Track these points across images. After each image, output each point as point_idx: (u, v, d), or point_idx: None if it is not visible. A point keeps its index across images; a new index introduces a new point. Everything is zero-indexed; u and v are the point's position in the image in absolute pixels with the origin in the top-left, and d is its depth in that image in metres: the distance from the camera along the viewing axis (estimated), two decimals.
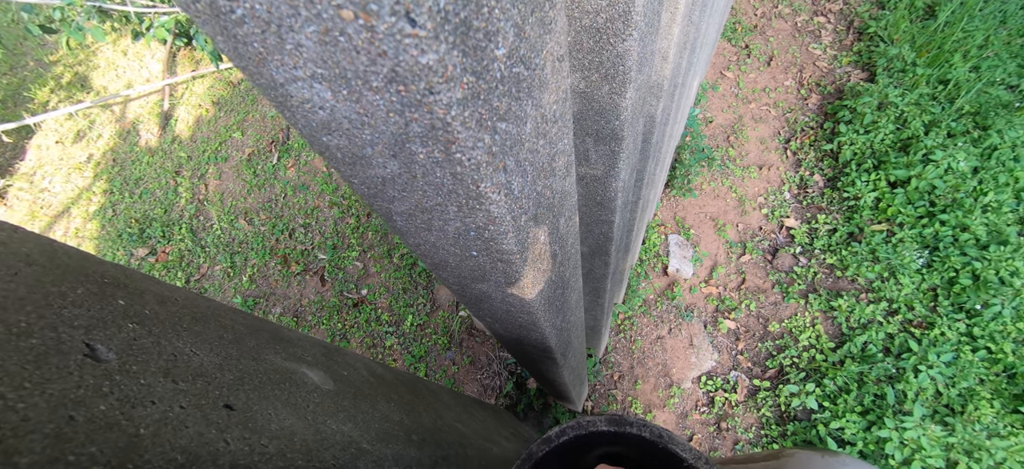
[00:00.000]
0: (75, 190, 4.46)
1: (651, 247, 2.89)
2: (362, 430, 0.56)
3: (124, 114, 4.74)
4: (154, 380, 0.34)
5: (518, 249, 0.41)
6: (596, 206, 1.03)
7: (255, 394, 0.44)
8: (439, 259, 0.50)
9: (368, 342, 3.02)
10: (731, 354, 2.61)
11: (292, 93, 0.26)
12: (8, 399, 0.23)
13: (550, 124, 0.37)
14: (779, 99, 3.28)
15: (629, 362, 2.66)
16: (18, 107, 5.13)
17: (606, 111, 0.72)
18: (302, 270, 3.35)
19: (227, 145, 4.12)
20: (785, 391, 2.37)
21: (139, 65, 5.05)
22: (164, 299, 0.52)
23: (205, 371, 0.41)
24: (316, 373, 0.65)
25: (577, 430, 0.64)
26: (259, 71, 0.25)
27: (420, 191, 0.34)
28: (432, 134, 0.26)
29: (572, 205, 0.56)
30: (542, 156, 0.38)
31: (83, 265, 0.45)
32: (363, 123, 0.27)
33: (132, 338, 0.37)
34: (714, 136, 3.22)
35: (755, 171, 3.04)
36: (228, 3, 0.20)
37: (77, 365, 0.29)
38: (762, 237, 2.86)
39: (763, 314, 2.65)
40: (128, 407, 0.29)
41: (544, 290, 0.59)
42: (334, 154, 0.32)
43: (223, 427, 0.35)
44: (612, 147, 0.80)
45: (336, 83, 0.24)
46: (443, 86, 0.22)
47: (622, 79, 0.65)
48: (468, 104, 0.24)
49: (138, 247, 3.86)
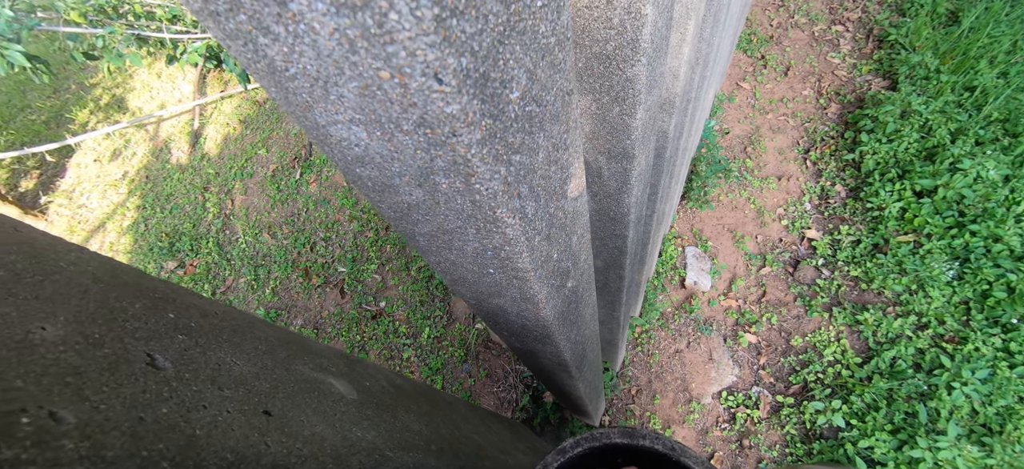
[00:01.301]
0: (111, 206, 4.69)
1: (668, 260, 2.87)
2: (385, 438, 0.59)
3: (157, 133, 4.98)
4: (204, 387, 0.37)
5: (532, 267, 0.44)
6: (610, 221, 1.05)
7: (289, 402, 0.47)
8: (458, 276, 0.54)
9: (386, 354, 3.06)
10: (753, 369, 2.56)
11: (332, 133, 0.30)
12: (92, 401, 0.27)
13: (561, 151, 0.40)
14: (797, 109, 3.24)
15: (647, 376, 2.64)
16: (60, 128, 5.44)
17: (617, 131, 0.74)
18: (322, 282, 3.44)
19: (253, 161, 4.28)
20: (810, 408, 2.31)
21: (172, 86, 5.31)
22: (206, 313, 0.56)
23: (245, 379, 0.45)
24: (341, 383, 0.69)
25: (591, 442, 0.65)
26: (305, 115, 0.29)
27: (442, 215, 0.37)
28: (454, 168, 0.29)
29: (584, 223, 0.58)
30: (554, 181, 0.41)
31: (138, 281, 0.49)
32: (393, 158, 0.30)
33: (183, 348, 0.41)
34: (731, 147, 3.20)
35: (774, 182, 3.01)
36: (284, 64, 0.24)
37: (141, 372, 0.33)
38: (782, 249, 2.82)
39: (785, 328, 2.60)
40: (185, 411, 0.33)
41: (558, 305, 0.61)
42: (365, 183, 0.36)
43: (264, 431, 0.38)
44: (624, 165, 0.82)
45: (371, 126, 0.27)
46: (465, 129, 0.25)
47: (632, 101, 0.67)
48: (486, 143, 0.28)
49: (168, 260, 4.03)
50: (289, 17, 0.21)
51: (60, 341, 0.29)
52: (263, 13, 0.21)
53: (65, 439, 0.23)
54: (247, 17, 0.22)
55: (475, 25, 0.22)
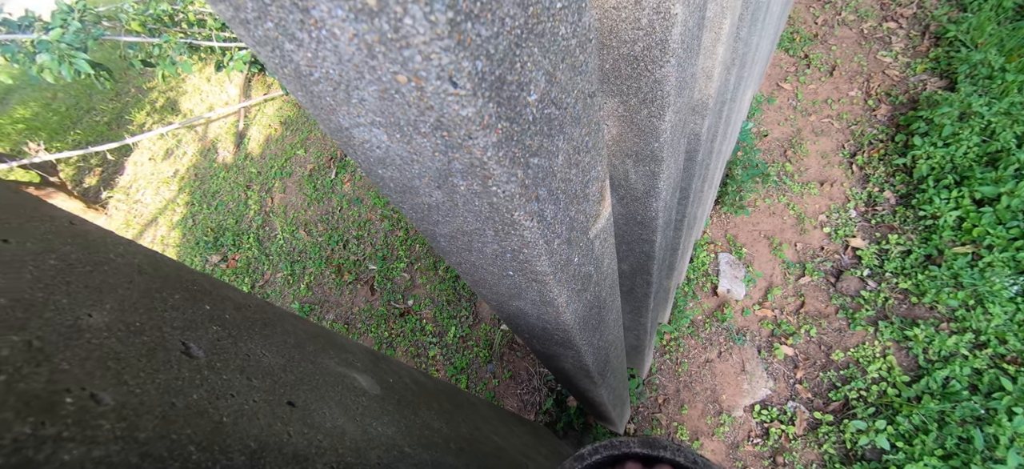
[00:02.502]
0: (163, 201, 5.00)
1: (699, 266, 2.79)
2: (404, 434, 0.60)
3: (206, 134, 5.28)
4: (233, 376, 0.39)
5: (552, 270, 0.44)
6: (637, 225, 1.03)
7: (313, 394, 0.49)
8: (479, 277, 0.54)
9: (412, 351, 3.12)
10: (788, 383, 2.45)
11: (355, 135, 0.31)
12: (129, 385, 0.28)
13: (582, 154, 0.40)
14: (843, 111, 3.08)
15: (675, 385, 2.56)
16: (120, 129, 5.86)
17: (645, 133, 0.73)
18: (354, 279, 3.54)
19: (292, 161, 4.46)
20: (851, 427, 2.18)
21: (220, 90, 5.62)
22: (240, 305, 0.59)
23: (272, 371, 0.46)
24: (365, 378, 0.71)
25: (610, 450, 0.64)
26: (329, 118, 0.30)
27: (461, 217, 0.37)
28: (471, 170, 0.29)
29: (607, 227, 0.57)
30: (575, 184, 0.40)
31: (179, 274, 0.52)
32: (412, 160, 0.31)
33: (216, 339, 0.43)
34: (769, 151, 3.07)
35: (815, 187, 2.86)
36: (308, 69, 0.25)
37: (176, 360, 0.35)
38: (824, 258, 2.68)
39: (825, 341, 2.47)
40: (214, 398, 0.34)
41: (579, 309, 0.61)
42: (387, 184, 0.37)
43: (287, 421, 0.40)
44: (652, 168, 0.81)
45: (391, 129, 0.28)
46: (480, 132, 0.25)
47: (661, 103, 0.66)
48: (502, 146, 0.28)
49: (212, 254, 4.25)
50: (312, 23, 0.22)
51: (105, 328, 0.32)
52: (288, 20, 0.22)
53: (103, 419, 0.24)
54: (273, 24, 0.23)
55: (491, 28, 0.22)
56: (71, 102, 6.62)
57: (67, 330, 0.28)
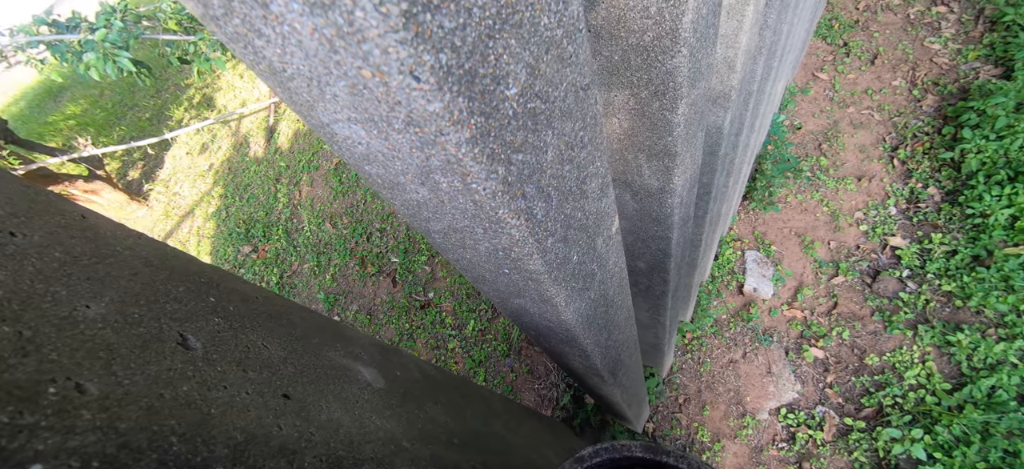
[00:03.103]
0: (199, 194, 5.23)
1: (725, 263, 2.70)
2: (405, 428, 0.61)
3: (238, 129, 5.48)
4: (228, 368, 0.40)
5: (546, 269, 0.42)
6: (652, 222, 1.00)
7: (311, 387, 0.50)
8: (478, 274, 0.53)
9: (432, 343, 3.16)
10: (818, 386, 2.35)
11: (337, 132, 0.30)
12: (118, 376, 0.29)
13: (577, 149, 0.38)
14: (884, 101, 2.90)
15: (696, 385, 2.50)
16: (160, 124, 6.15)
17: (658, 127, 0.70)
18: (377, 271, 3.61)
19: (318, 155, 4.57)
20: (885, 435, 2.07)
21: (252, 86, 5.81)
22: (247, 297, 0.60)
23: (271, 363, 0.47)
24: (370, 371, 0.72)
25: (611, 453, 0.63)
26: (310, 114, 0.30)
27: (450, 214, 0.36)
28: (449, 167, 0.28)
29: (611, 225, 0.56)
30: (569, 181, 0.39)
31: (187, 266, 0.54)
32: (393, 156, 0.30)
33: (216, 331, 0.45)
34: (803, 144, 2.93)
35: (852, 183, 2.72)
36: (280, 65, 0.25)
37: (170, 351, 0.36)
38: (859, 257, 2.54)
39: (859, 344, 2.35)
40: (205, 390, 0.35)
41: (582, 308, 0.59)
42: (376, 180, 0.36)
43: (279, 413, 0.40)
44: (666, 163, 0.78)
45: (367, 125, 0.27)
46: (451, 129, 0.25)
47: (673, 95, 0.63)
48: (478, 142, 0.27)
49: (243, 245, 4.42)
50: (273, 18, 0.21)
51: (100, 319, 0.33)
52: (252, 16, 0.22)
53: (84, 410, 0.25)
54: (240, 20, 0.22)
55: (455, 19, 0.21)
56: (116, 99, 7.00)
57: (61, 321, 0.29)
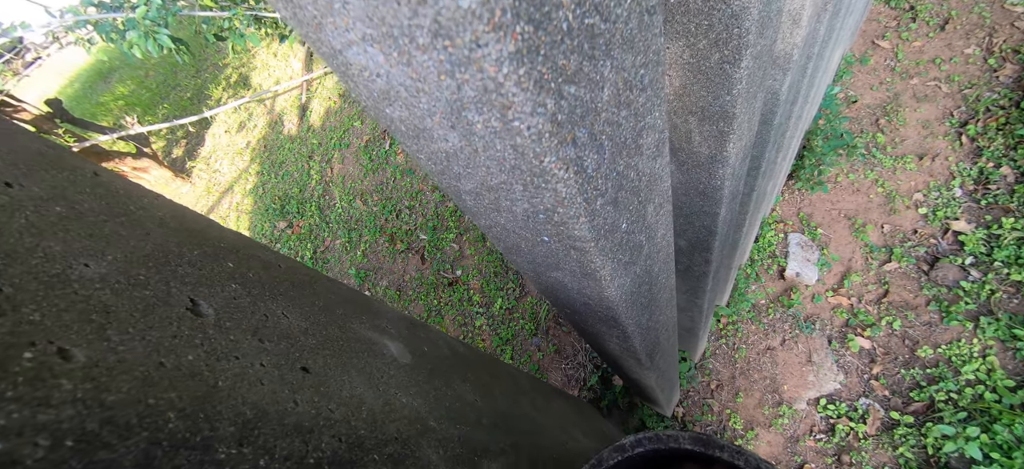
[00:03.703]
0: (237, 171, 5.40)
1: (765, 246, 2.55)
2: (432, 407, 0.57)
3: (273, 107, 5.59)
4: (242, 337, 0.37)
5: (593, 236, 0.37)
6: (698, 196, 0.92)
7: (333, 360, 0.46)
8: (512, 243, 0.48)
9: (459, 320, 3.17)
10: (862, 377, 2.21)
11: (351, 61, 0.25)
12: (112, 342, 0.26)
13: (636, 92, 0.32)
14: (954, 72, 2.63)
15: (730, 371, 2.40)
16: (200, 103, 6.35)
17: (715, 84, 0.62)
18: (406, 248, 3.63)
19: (349, 133, 4.61)
20: (935, 431, 1.93)
21: (285, 64, 5.89)
22: (269, 265, 0.57)
23: (291, 333, 0.44)
24: (396, 346, 0.68)
25: (655, 444, 0.57)
26: (319, 38, 0.25)
27: (483, 167, 0.31)
28: (486, 98, 0.23)
29: (664, 190, 0.49)
30: (625, 130, 0.33)
31: (206, 230, 0.51)
32: (418, 89, 0.25)
33: (232, 297, 0.41)
34: (858, 119, 2.71)
35: (912, 161, 2.49)
36: None
37: (177, 317, 0.32)
38: (916, 242, 2.34)
39: (911, 335, 2.19)
40: (213, 360, 0.32)
41: (626, 284, 0.53)
42: (399, 127, 0.31)
43: (296, 388, 0.37)
44: (721, 127, 0.69)
45: (386, 43, 0.22)
46: (491, 37, 0.19)
47: (736, 45, 0.55)
48: (524, 59, 0.21)
49: (279, 220, 4.55)
50: None
51: (99, 279, 0.29)
52: None
53: (65, 378, 0.22)
54: None
55: None
56: (160, 79, 7.27)
57: (50, 279, 0.26)
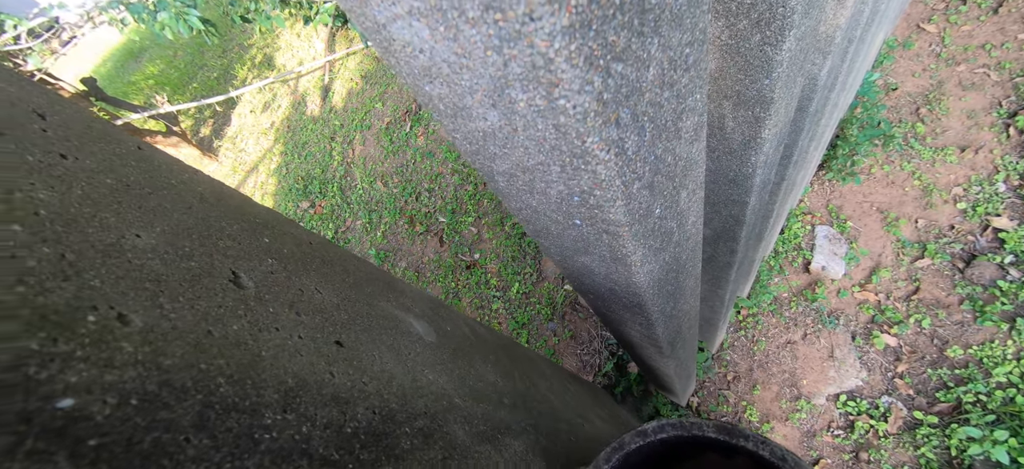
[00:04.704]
0: (262, 151, 5.51)
1: (791, 238, 2.49)
2: (456, 385, 0.58)
3: (296, 88, 5.65)
4: (280, 310, 0.38)
5: (627, 221, 0.36)
6: (727, 184, 0.89)
7: (364, 335, 0.47)
8: (541, 226, 0.48)
9: (476, 303, 3.20)
10: (886, 375, 2.15)
11: (394, 35, 0.25)
12: (165, 309, 0.27)
13: (680, 72, 0.31)
14: (1006, 58, 2.47)
15: (748, 364, 2.37)
16: (227, 84, 6.47)
17: (753, 67, 0.59)
18: (425, 230, 3.67)
19: (370, 115, 4.64)
20: (961, 433, 1.88)
21: (308, 45, 5.94)
22: (301, 242, 0.59)
23: (324, 308, 0.45)
24: (421, 324, 0.70)
25: (678, 430, 0.57)
26: (363, 11, 0.24)
27: (521, 147, 0.31)
28: (533, 75, 0.22)
29: (697, 177, 0.48)
30: (666, 111, 0.32)
31: (242, 206, 0.53)
32: (462, 66, 0.25)
33: (269, 271, 0.43)
34: (897, 107, 2.58)
35: (953, 153, 2.38)
36: None
37: (222, 288, 0.34)
38: (953, 239, 2.25)
39: (940, 334, 2.11)
40: (256, 330, 0.33)
41: (655, 271, 0.53)
42: (437, 105, 0.31)
43: (331, 360, 0.38)
44: (756, 113, 0.67)
45: (433, 18, 0.22)
46: (545, 9, 0.18)
47: (780, 26, 0.52)
48: (576, 34, 0.20)
49: (302, 200, 4.64)
50: None
51: (150, 249, 0.30)
52: None
53: (125, 342, 0.23)
54: None
55: None
56: (188, 59, 7.42)
57: (107, 248, 0.27)
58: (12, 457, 0.16)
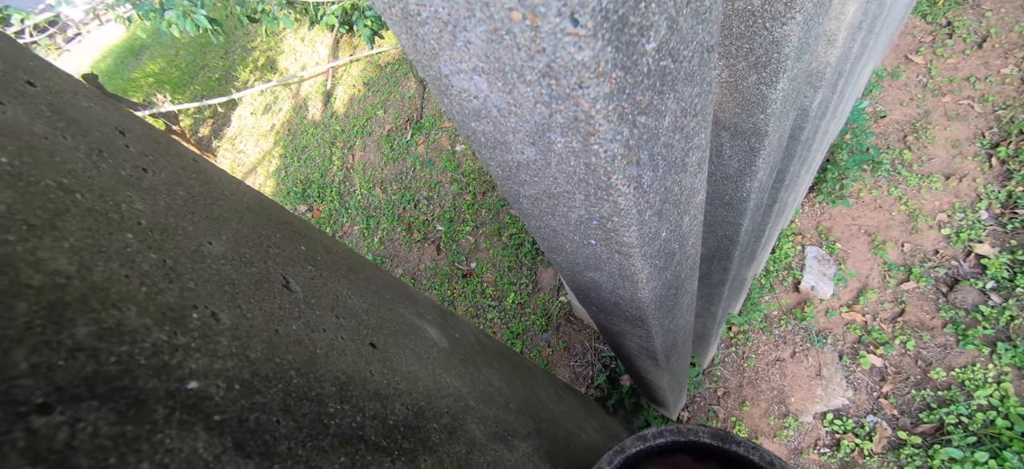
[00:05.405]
0: (261, 153, 5.53)
1: (782, 258, 2.56)
2: (469, 388, 0.62)
3: (298, 92, 5.69)
4: (324, 313, 0.42)
5: (639, 243, 0.41)
6: (723, 206, 0.95)
7: (391, 339, 0.51)
8: (556, 243, 0.52)
9: (472, 311, 3.23)
10: (871, 395, 2.21)
11: (453, 83, 0.30)
12: (242, 309, 0.31)
13: (689, 117, 0.36)
14: (989, 91, 2.59)
15: (738, 380, 2.42)
16: (228, 85, 6.49)
17: (750, 103, 0.65)
18: (422, 238, 3.70)
19: (372, 121, 4.69)
20: (943, 454, 1.94)
21: (311, 50, 5.99)
22: (329, 249, 0.63)
23: (357, 313, 0.49)
24: (435, 331, 0.73)
25: (676, 436, 0.61)
26: (430, 64, 0.29)
27: (551, 178, 0.35)
28: (573, 125, 0.27)
29: (699, 203, 0.53)
30: (676, 150, 0.37)
31: (280, 215, 0.57)
32: (510, 112, 0.29)
33: (310, 277, 0.47)
34: (885, 135, 2.68)
35: (938, 181, 2.47)
36: (417, 7, 0.24)
37: (278, 292, 0.38)
38: (937, 263, 2.33)
39: (924, 356, 2.18)
40: (309, 331, 0.37)
41: (657, 288, 0.57)
42: (478, 138, 0.36)
43: (369, 360, 0.42)
44: (752, 143, 0.73)
45: (493, 76, 0.26)
46: (593, 81, 0.23)
47: (775, 68, 0.58)
48: (614, 98, 0.25)
49: (300, 204, 4.66)
50: None
51: (221, 256, 0.34)
52: None
53: (222, 337, 0.27)
54: None
55: None
56: (189, 59, 7.43)
57: (192, 254, 0.31)
58: (168, 423, 0.19)
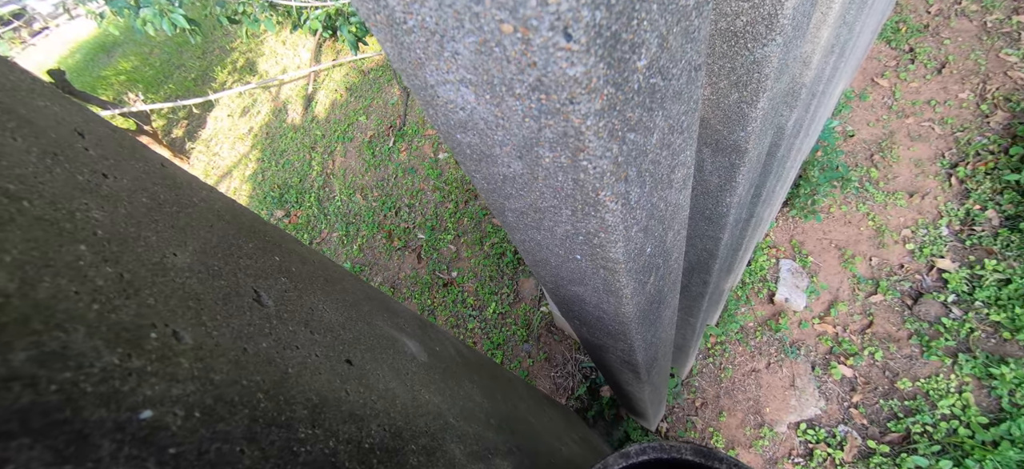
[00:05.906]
0: (237, 156, 5.37)
1: (757, 270, 2.62)
2: (449, 405, 0.60)
3: (278, 95, 5.57)
4: (298, 328, 0.40)
5: (624, 258, 0.40)
6: (704, 220, 0.96)
7: (368, 355, 0.49)
8: (541, 257, 0.51)
9: (452, 321, 3.19)
10: (842, 405, 2.27)
11: (439, 94, 0.29)
12: (207, 327, 0.29)
13: (676, 135, 0.35)
14: (948, 114, 2.73)
15: (715, 390, 2.46)
16: (204, 85, 6.31)
17: (731, 121, 0.66)
18: (403, 246, 3.65)
19: (353, 127, 4.62)
20: (910, 462, 2.00)
21: (293, 53, 5.89)
22: (305, 260, 0.60)
23: (332, 327, 0.47)
24: (414, 344, 0.71)
25: (659, 453, 0.61)
26: (416, 73, 0.28)
27: (538, 192, 0.35)
28: (563, 140, 0.26)
29: (682, 219, 0.53)
30: (663, 167, 0.36)
31: (253, 224, 0.54)
32: (498, 125, 0.28)
33: (283, 290, 0.44)
34: (853, 153, 2.79)
35: (903, 198, 2.58)
36: (403, 15, 0.23)
37: (248, 307, 0.35)
38: (902, 277, 2.42)
39: (892, 367, 2.26)
40: (281, 348, 0.35)
41: (641, 302, 0.57)
42: (464, 150, 0.35)
43: (345, 378, 0.40)
44: (732, 160, 0.74)
45: (481, 88, 0.25)
46: (585, 96, 0.23)
47: (755, 88, 0.59)
48: (604, 115, 0.24)
49: (277, 209, 4.53)
50: None
51: (187, 268, 0.32)
52: None
53: (182, 358, 0.25)
54: None
55: None
56: (165, 58, 7.21)
57: (154, 267, 0.29)
58: (114, 460, 0.17)
